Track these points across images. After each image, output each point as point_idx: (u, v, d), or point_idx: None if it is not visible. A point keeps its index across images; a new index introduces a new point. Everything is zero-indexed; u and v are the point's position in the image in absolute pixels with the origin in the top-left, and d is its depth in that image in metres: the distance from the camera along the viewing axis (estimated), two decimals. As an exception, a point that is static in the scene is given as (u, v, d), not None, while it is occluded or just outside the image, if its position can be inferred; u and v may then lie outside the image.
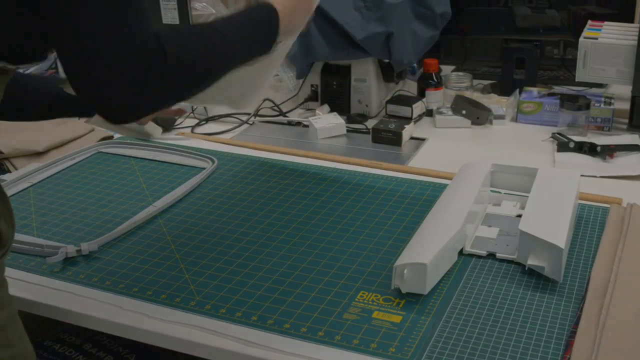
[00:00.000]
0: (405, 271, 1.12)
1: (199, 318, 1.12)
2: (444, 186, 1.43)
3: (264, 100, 2.03)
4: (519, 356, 1.00)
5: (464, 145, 1.78)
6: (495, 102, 1.94)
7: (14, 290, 1.21)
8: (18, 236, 1.36)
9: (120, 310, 1.15)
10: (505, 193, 1.45)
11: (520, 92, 1.94)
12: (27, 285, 1.23)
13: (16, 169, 1.68)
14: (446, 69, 2.19)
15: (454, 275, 1.21)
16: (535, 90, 1.94)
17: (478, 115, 1.87)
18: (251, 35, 1.09)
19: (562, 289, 1.16)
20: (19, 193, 1.57)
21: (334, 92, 2.01)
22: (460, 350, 1.02)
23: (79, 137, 1.81)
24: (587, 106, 1.76)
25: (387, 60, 1.95)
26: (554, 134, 1.76)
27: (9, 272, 1.24)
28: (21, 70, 1.11)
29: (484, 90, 2.10)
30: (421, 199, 1.48)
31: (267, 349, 1.05)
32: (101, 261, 1.29)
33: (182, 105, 1.34)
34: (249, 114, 2.00)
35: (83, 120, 1.40)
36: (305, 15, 1.21)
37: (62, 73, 1.74)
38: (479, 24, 2.16)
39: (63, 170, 1.68)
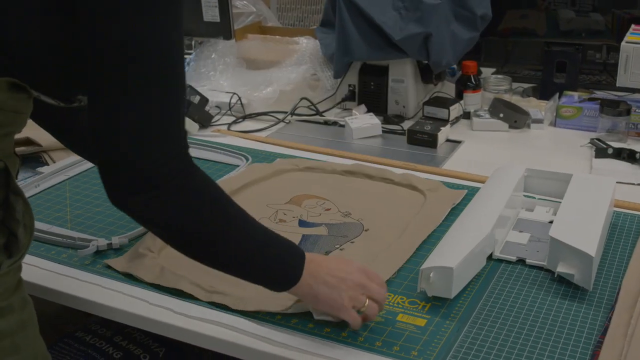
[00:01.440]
0: (431, 275, 1.12)
1: (224, 315, 1.13)
2: (477, 189, 1.42)
3: (301, 99, 2.03)
4: (543, 365, 0.99)
5: (500, 149, 1.76)
6: (534, 106, 1.92)
7: (45, 281, 1.23)
8: (51, 228, 1.38)
9: (147, 304, 1.16)
10: (538, 198, 1.43)
11: (560, 96, 1.91)
12: (57, 277, 1.25)
13: (54, 161, 1.71)
14: (486, 72, 2.17)
15: (482, 280, 1.19)
16: (575, 95, 1.91)
17: (516, 118, 1.85)
18: (250, 267, 1.01)
19: (591, 297, 1.14)
20: (55, 185, 1.59)
21: (372, 93, 2.00)
22: (483, 357, 1.01)
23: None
24: (628, 112, 1.73)
25: (426, 62, 1.94)
26: (592, 139, 1.73)
27: (41, 263, 1.28)
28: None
29: (524, 94, 2.08)
30: (453, 202, 1.47)
31: (290, 348, 1.05)
32: (131, 255, 1.30)
33: None
34: (285, 112, 2.00)
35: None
36: (325, 309, 1.06)
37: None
38: (521, 26, 2.13)
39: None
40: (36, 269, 1.27)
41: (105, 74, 0.86)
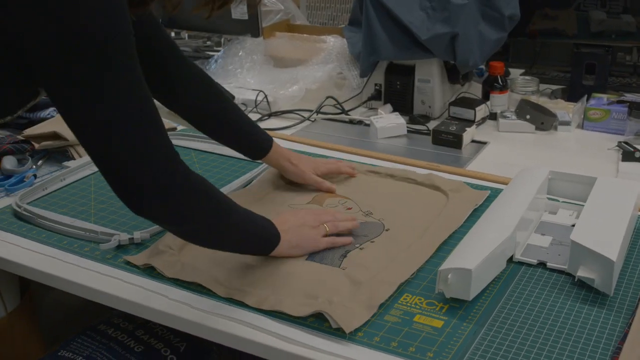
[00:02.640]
0: (449, 276, 1.11)
1: (242, 312, 1.13)
2: (501, 191, 1.40)
3: (327, 97, 2.03)
4: (559, 369, 0.98)
5: (525, 151, 1.75)
6: (562, 108, 1.90)
7: (67, 274, 1.25)
8: (75, 221, 1.40)
9: (166, 299, 1.17)
10: (562, 201, 1.42)
11: (588, 99, 1.89)
12: (79, 270, 1.27)
13: (80, 156, 1.72)
14: (514, 73, 2.15)
15: (501, 282, 1.19)
16: (604, 97, 1.89)
17: (543, 120, 1.83)
18: (244, 244, 1.20)
19: (612, 303, 1.13)
20: (81, 180, 1.61)
21: (397, 92, 2.00)
22: (499, 360, 1.00)
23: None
24: (657, 115, 1.71)
25: (452, 62, 1.93)
26: (620, 142, 1.71)
27: (64, 256, 1.30)
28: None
29: (552, 95, 2.06)
30: (476, 203, 1.46)
31: (306, 346, 1.05)
32: (152, 250, 1.31)
33: None
34: (311, 110, 2.00)
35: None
36: (302, 253, 1.28)
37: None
38: (550, 27, 2.11)
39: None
40: (59, 262, 1.29)
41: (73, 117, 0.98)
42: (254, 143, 1.50)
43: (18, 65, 0.99)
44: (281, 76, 2.16)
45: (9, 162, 1.64)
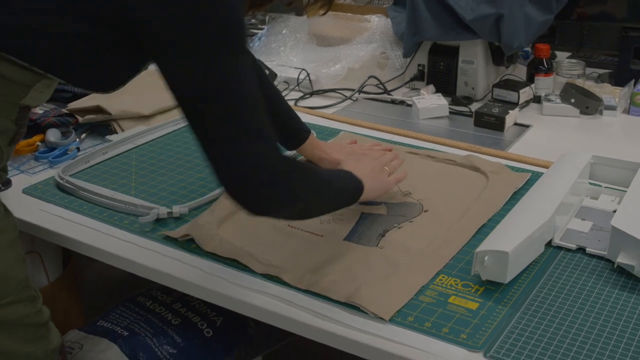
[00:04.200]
0: (486, 258, 1.10)
1: (278, 288, 1.14)
2: (542, 175, 1.39)
3: (369, 77, 2.02)
4: (594, 358, 0.97)
5: (569, 135, 1.72)
6: (608, 92, 1.87)
7: (106, 245, 1.27)
8: (115, 194, 1.42)
9: (203, 273, 1.18)
10: (604, 186, 1.40)
11: (635, 83, 1.85)
12: (118, 242, 1.28)
13: (122, 130, 1.74)
14: (560, 56, 2.12)
15: (539, 266, 1.17)
16: (652, 82, 1.85)
17: (587, 104, 1.80)
18: (342, 199, 1.24)
19: (651, 290, 1.11)
20: (122, 154, 1.63)
21: (441, 73, 1.98)
22: (533, 344, 0.99)
23: (176, 107, 1.86)
24: None
25: (497, 43, 1.90)
26: (666, 129, 1.68)
27: (104, 227, 1.32)
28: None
29: (598, 80, 2.02)
30: (516, 186, 1.44)
31: (339, 323, 1.06)
32: (191, 224, 1.32)
33: None
34: (353, 89, 2.00)
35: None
36: (377, 196, 1.35)
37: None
38: (598, 10, 2.07)
39: (166, 134, 1.73)
40: (99, 233, 1.31)
41: (200, 123, 1.00)
42: (291, 131, 1.50)
43: (132, 39, 1.01)
44: (324, 55, 2.16)
45: (53, 135, 1.66)
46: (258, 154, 1.01)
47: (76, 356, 1.45)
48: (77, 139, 1.69)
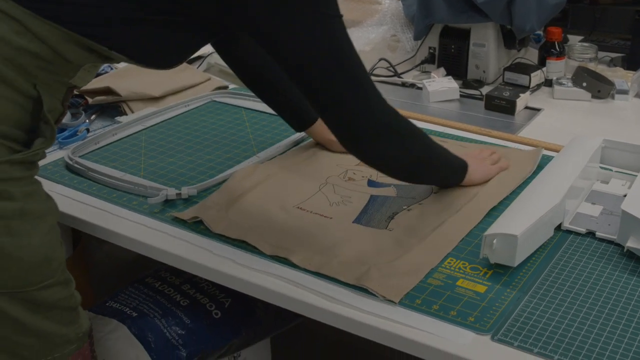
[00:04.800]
0: (494, 241, 1.10)
1: (284, 269, 1.14)
2: (552, 159, 1.38)
3: (380, 59, 2.01)
4: (601, 344, 0.96)
5: (580, 119, 1.71)
6: (620, 76, 1.85)
7: (115, 226, 1.27)
8: (125, 176, 1.42)
9: (211, 254, 1.18)
10: (615, 171, 1.39)
11: (648, 67, 1.84)
12: (127, 223, 1.29)
13: (132, 112, 1.74)
14: (573, 39, 2.11)
15: (548, 250, 1.17)
16: (665, 66, 1.83)
17: (599, 88, 1.79)
18: (449, 170, 1.31)
19: (661, 275, 1.11)
20: (132, 135, 1.63)
21: (452, 56, 1.97)
22: (541, 328, 0.99)
23: (194, 85, 1.86)
24: None
25: (509, 26, 1.89)
26: (679, 113, 1.67)
27: (112, 208, 1.32)
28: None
29: (610, 63, 2.01)
30: (526, 170, 1.44)
31: (347, 305, 1.05)
32: (199, 206, 1.32)
33: None
34: (363, 72, 1.99)
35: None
36: (480, 180, 1.37)
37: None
38: (612, -7, 2.05)
39: (176, 116, 1.73)
40: (107, 214, 1.31)
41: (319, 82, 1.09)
42: (301, 112, 1.49)
43: (199, 17, 1.09)
44: (334, 37, 2.14)
45: (63, 116, 1.66)
46: (375, 104, 1.11)
47: (85, 336, 1.46)
48: (87, 120, 1.69)
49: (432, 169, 1.27)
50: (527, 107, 1.78)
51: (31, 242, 1.06)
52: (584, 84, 1.80)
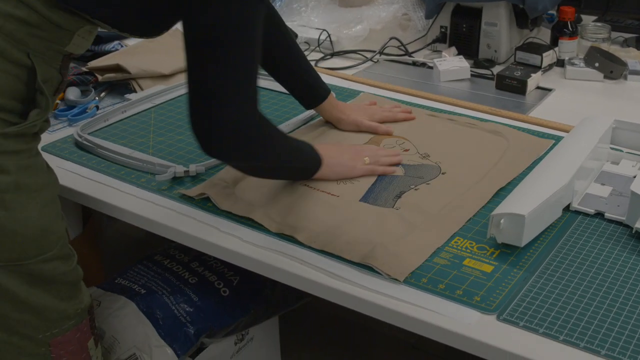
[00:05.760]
0: (502, 221, 1.09)
1: (290, 247, 1.14)
2: (562, 139, 1.37)
3: (391, 38, 2.00)
4: (607, 325, 0.96)
5: (592, 99, 1.70)
6: (634, 57, 1.83)
7: (123, 203, 1.27)
8: (133, 153, 1.42)
9: (217, 231, 1.19)
10: (626, 152, 1.38)
11: (662, 48, 1.82)
12: (134, 199, 1.29)
13: (142, 89, 1.74)
14: (586, 19, 2.08)
15: (556, 231, 1.16)
16: (679, 47, 1.81)
17: (612, 68, 1.77)
18: (292, 168, 1.27)
19: (670, 256, 1.10)
20: (141, 112, 1.63)
21: (463, 35, 1.95)
22: (547, 308, 0.99)
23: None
24: None
25: (522, 6, 1.87)
26: (692, 94, 1.65)
27: (121, 185, 1.33)
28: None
29: (624, 44, 1.98)
30: (536, 150, 1.43)
31: (353, 284, 1.06)
32: (207, 183, 1.32)
33: None
34: (374, 51, 1.98)
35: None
36: (343, 177, 1.32)
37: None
38: (627, -28, 2.03)
39: (185, 94, 1.72)
40: (116, 191, 1.32)
41: (195, 52, 1.04)
42: (310, 90, 1.49)
43: None
44: (345, 15, 2.14)
45: (73, 93, 1.67)
46: (243, 105, 1.07)
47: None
48: (97, 98, 1.69)
49: (275, 173, 1.26)
50: (538, 87, 1.76)
51: (26, 216, 1.06)
52: (597, 64, 1.78)
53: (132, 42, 1.94)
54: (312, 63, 1.90)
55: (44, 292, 1.11)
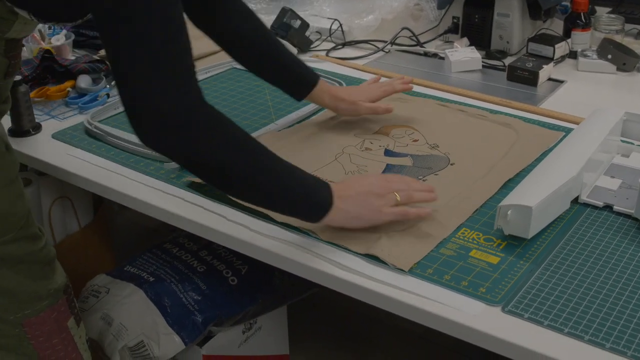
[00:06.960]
0: (509, 212, 1.09)
1: (296, 236, 1.14)
2: (572, 131, 1.37)
3: (402, 29, 1.99)
4: (613, 318, 0.95)
5: (604, 92, 1.69)
6: (647, 49, 1.82)
7: (131, 191, 1.28)
8: (143, 140, 1.42)
9: (225, 220, 1.19)
10: (637, 144, 1.37)
11: (676, 40, 1.80)
12: (143, 187, 1.29)
13: (152, 77, 1.74)
14: (600, 11, 2.06)
15: (564, 223, 1.16)
16: (693, 39, 1.80)
17: (625, 60, 1.76)
18: (286, 200, 1.07)
19: (678, 250, 1.09)
20: (151, 100, 1.63)
21: (475, 26, 1.94)
22: (553, 301, 0.98)
23: (215, 52, 1.85)
24: None
25: (534, -4, 1.86)
26: None
27: (129, 173, 1.33)
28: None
29: (637, 36, 1.97)
30: (546, 142, 1.42)
31: (359, 274, 1.06)
32: (216, 172, 1.32)
33: None
34: (385, 41, 1.97)
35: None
36: (363, 225, 1.12)
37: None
38: (641, -37, 2.01)
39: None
40: (124, 179, 1.32)
41: (105, 35, 0.96)
42: (297, 77, 1.42)
43: None
44: (357, 5, 2.13)
45: (84, 81, 1.67)
46: (168, 86, 0.96)
47: (103, 300, 1.47)
48: (108, 86, 1.70)
49: (247, 188, 1.05)
50: (550, 79, 1.75)
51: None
52: (609, 56, 1.77)
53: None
54: (323, 53, 1.91)
55: (13, 273, 1.11)
